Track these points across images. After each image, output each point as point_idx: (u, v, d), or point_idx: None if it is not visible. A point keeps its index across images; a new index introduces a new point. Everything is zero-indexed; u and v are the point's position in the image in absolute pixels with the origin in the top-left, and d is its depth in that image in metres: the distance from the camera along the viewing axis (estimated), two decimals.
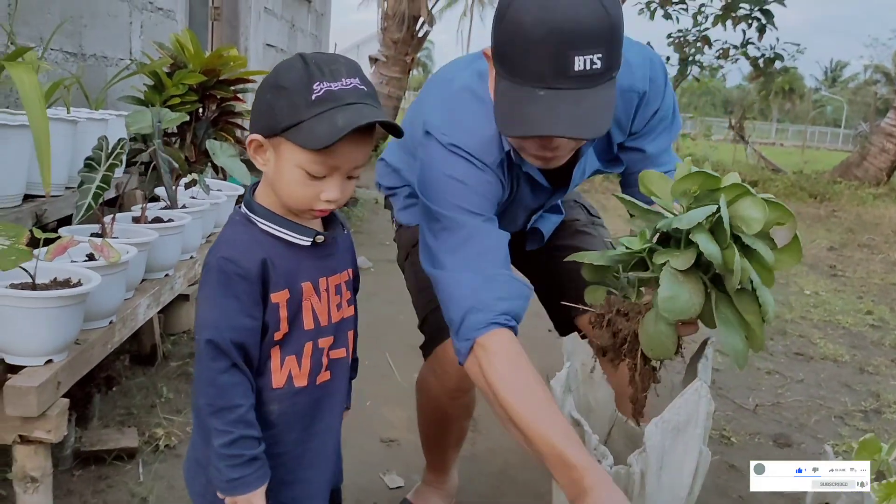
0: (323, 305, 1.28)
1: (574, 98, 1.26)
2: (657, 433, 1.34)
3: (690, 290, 1.32)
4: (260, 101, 1.20)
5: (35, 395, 1.45)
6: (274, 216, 1.23)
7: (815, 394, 3.30)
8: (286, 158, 1.17)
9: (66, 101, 2.34)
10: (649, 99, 1.61)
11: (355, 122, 1.13)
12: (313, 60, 1.17)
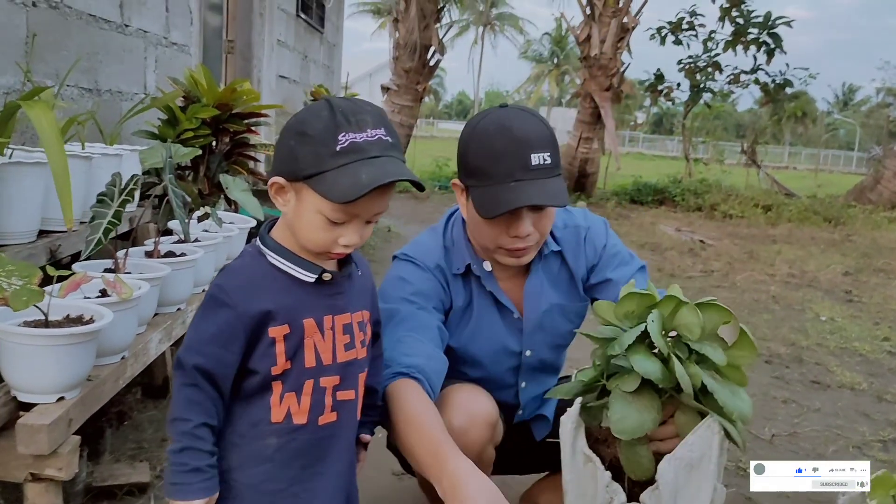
0: (327, 344, 1.28)
1: (537, 184, 1.61)
2: (670, 470, 1.33)
3: (640, 409, 1.36)
4: (284, 145, 1.22)
5: (46, 433, 1.45)
6: (284, 251, 1.26)
7: (832, 423, 3.26)
8: (307, 203, 1.20)
9: (80, 137, 2.37)
10: (592, 235, 1.90)
11: (379, 179, 1.15)
12: (340, 109, 1.19)
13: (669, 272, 6.61)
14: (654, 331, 1.35)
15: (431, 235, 1.90)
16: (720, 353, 1.39)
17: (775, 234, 9.85)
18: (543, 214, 1.71)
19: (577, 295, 1.95)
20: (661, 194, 12.50)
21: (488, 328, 1.87)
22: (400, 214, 9.12)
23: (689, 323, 1.38)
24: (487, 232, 1.72)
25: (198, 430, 1.19)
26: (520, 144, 1.61)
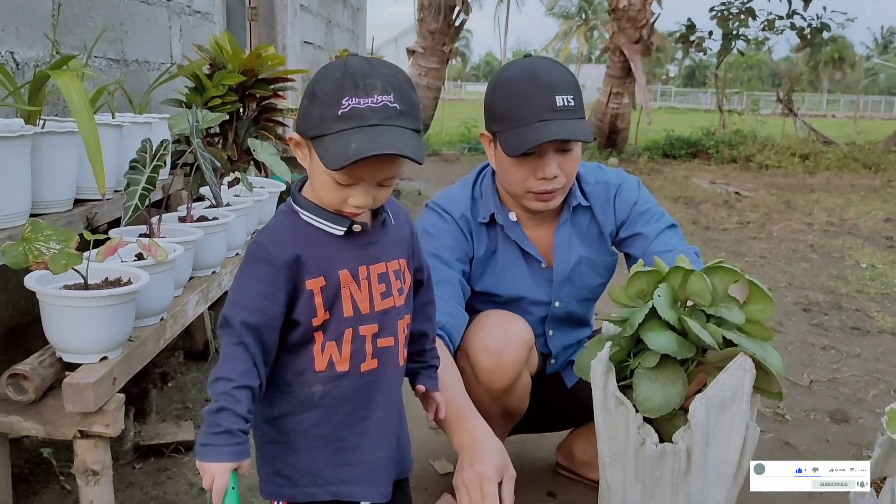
0: (363, 293, 1.30)
1: (562, 123, 1.70)
2: (702, 410, 1.33)
3: (664, 384, 1.38)
4: (303, 102, 1.24)
5: (92, 391, 1.50)
6: (314, 207, 1.27)
7: (872, 368, 3.22)
8: (317, 162, 1.21)
9: (110, 107, 2.40)
10: (624, 192, 1.94)
11: (364, 151, 1.14)
12: (351, 71, 1.18)
13: (704, 225, 6.53)
14: (661, 305, 1.37)
15: (462, 186, 1.97)
16: (737, 312, 1.39)
17: (813, 183, 9.65)
18: (569, 157, 1.77)
19: (606, 249, 1.97)
20: (694, 147, 12.29)
21: (513, 275, 1.91)
22: (430, 177, 9.11)
23: (699, 290, 1.40)
24: (515, 176, 1.78)
25: (238, 391, 1.19)
26: (544, 87, 1.69)
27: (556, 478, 2.24)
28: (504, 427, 2.01)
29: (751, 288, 1.42)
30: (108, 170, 2.17)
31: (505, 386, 1.79)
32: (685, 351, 1.36)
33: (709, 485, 1.37)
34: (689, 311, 1.42)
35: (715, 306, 1.40)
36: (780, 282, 4.66)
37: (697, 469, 1.35)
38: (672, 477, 1.36)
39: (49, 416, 1.57)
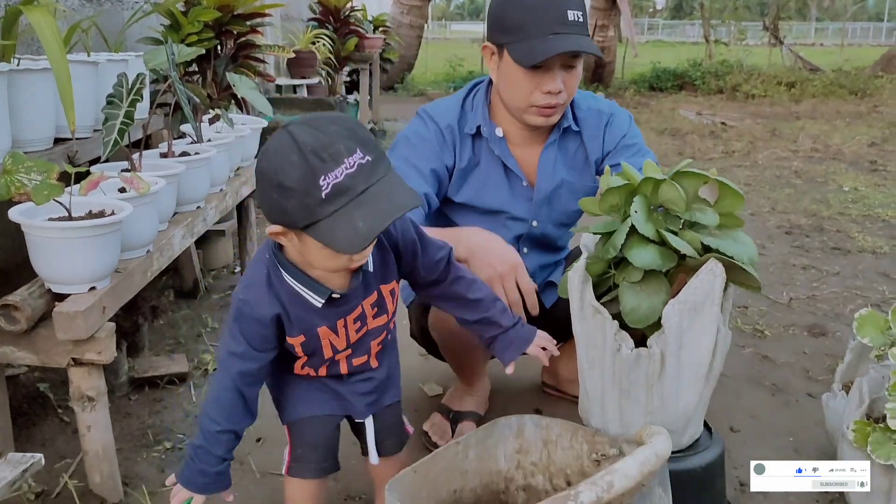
0: (341, 339, 1.40)
1: (574, 37, 1.73)
2: (675, 314, 1.37)
3: (649, 294, 1.40)
4: (267, 196, 1.18)
5: (82, 319, 1.54)
6: (297, 273, 1.31)
7: (851, 285, 3.30)
8: (312, 244, 1.20)
9: (85, 45, 2.38)
10: (615, 123, 1.96)
11: (377, 228, 1.15)
12: (308, 148, 1.12)
13: (690, 155, 6.52)
14: (639, 221, 1.37)
15: (454, 97, 1.99)
16: (710, 214, 1.41)
17: (799, 111, 9.64)
18: (573, 73, 1.81)
19: (590, 176, 1.99)
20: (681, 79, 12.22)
21: (494, 189, 1.93)
22: None
23: (672, 198, 1.40)
24: (520, 89, 1.80)
25: (221, 435, 1.35)
26: (557, 1, 1.72)
27: (542, 396, 2.31)
28: (486, 353, 2.06)
29: (720, 187, 1.44)
30: (85, 108, 2.17)
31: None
32: (668, 262, 1.38)
33: (682, 385, 1.42)
34: (664, 216, 1.44)
35: (689, 211, 1.42)
36: (764, 207, 4.71)
37: (671, 371, 1.40)
38: (647, 379, 1.41)
39: (42, 345, 1.61)
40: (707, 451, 1.51)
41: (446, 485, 1.44)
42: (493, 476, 1.53)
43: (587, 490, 1.14)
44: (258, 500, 1.78)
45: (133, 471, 1.87)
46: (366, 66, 6.54)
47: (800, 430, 2.10)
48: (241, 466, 1.91)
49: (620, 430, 1.47)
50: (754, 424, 2.14)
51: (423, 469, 1.39)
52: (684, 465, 1.48)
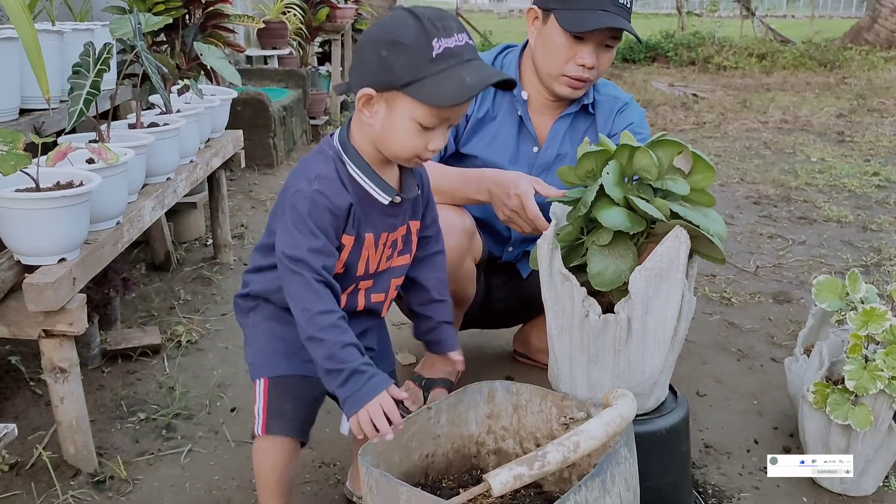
0: (376, 257, 1.40)
1: (621, 18, 1.81)
2: (641, 280, 1.40)
3: (616, 258, 1.43)
4: (371, 55, 1.23)
5: (52, 290, 1.53)
6: (365, 166, 1.32)
7: (816, 253, 3.36)
8: (401, 111, 1.23)
9: (49, 14, 2.34)
10: (627, 110, 2.03)
11: (483, 82, 1.22)
12: (426, 16, 1.22)
13: (662, 127, 6.58)
14: (608, 183, 1.40)
15: (487, 53, 2.05)
16: (682, 184, 1.44)
17: (770, 83, 9.71)
18: (609, 53, 1.89)
19: None
20: (653, 51, 12.21)
21: (502, 146, 2.00)
22: None
23: (645, 165, 1.43)
24: (557, 56, 1.87)
25: (342, 320, 1.27)
26: None
27: (514, 364, 2.35)
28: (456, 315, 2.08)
29: (694, 158, 1.47)
30: (52, 78, 2.12)
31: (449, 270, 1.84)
32: (636, 226, 1.41)
33: (648, 350, 1.45)
34: (637, 185, 1.47)
35: (661, 179, 1.45)
36: (733, 177, 4.77)
37: (637, 336, 1.44)
38: (614, 344, 1.45)
39: (13, 317, 1.60)
40: (672, 413, 1.56)
41: (419, 449, 1.47)
42: (464, 441, 1.56)
43: (554, 450, 1.17)
44: (234, 470, 1.80)
45: (107, 441, 1.88)
46: (338, 36, 6.47)
47: (763, 393, 2.16)
48: (216, 436, 1.93)
49: (588, 394, 1.51)
50: (720, 388, 2.19)
51: (396, 434, 1.41)
52: (650, 428, 1.53)
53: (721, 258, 1.45)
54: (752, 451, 1.89)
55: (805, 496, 1.72)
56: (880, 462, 1.67)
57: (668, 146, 1.47)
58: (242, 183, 4.35)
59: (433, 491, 1.44)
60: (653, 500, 1.52)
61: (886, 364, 1.56)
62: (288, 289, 1.29)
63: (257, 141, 4.53)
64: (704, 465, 1.84)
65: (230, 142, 2.93)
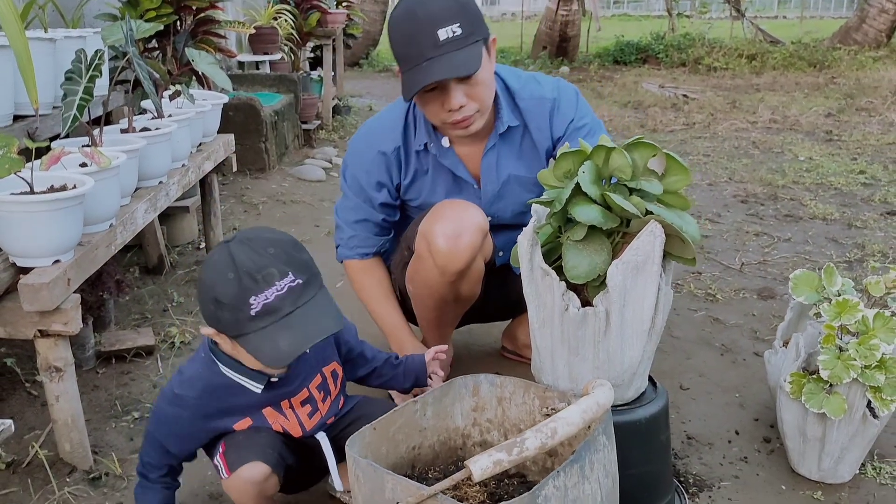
0: (292, 422, 1.50)
1: (447, 58, 1.67)
2: (618, 274, 1.45)
3: (590, 253, 1.47)
4: (205, 305, 1.35)
5: (47, 291, 1.57)
6: (235, 364, 1.43)
7: (801, 250, 3.41)
8: (242, 350, 1.35)
9: (42, 22, 2.39)
10: (561, 106, 1.95)
11: (299, 347, 1.31)
12: (244, 269, 1.28)
13: (651, 128, 6.64)
14: (584, 181, 1.44)
15: (394, 110, 1.99)
16: (656, 184, 1.48)
17: (759, 83, 9.78)
18: (474, 82, 1.75)
19: (541, 165, 1.99)
20: (644, 52, 12.29)
21: (444, 192, 1.99)
22: (381, 93, 9.03)
23: (620, 165, 1.48)
24: (428, 111, 1.83)
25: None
26: (425, 24, 1.67)
27: (502, 361, 2.39)
28: (455, 314, 2.13)
29: (668, 161, 1.51)
30: (44, 85, 2.18)
31: (460, 269, 1.88)
32: (610, 221, 1.45)
33: (626, 341, 1.50)
34: (613, 186, 1.52)
35: (636, 180, 1.50)
36: (721, 177, 4.82)
37: (615, 328, 1.48)
38: (594, 336, 1.49)
39: (8, 317, 1.64)
40: (651, 403, 1.60)
41: (405, 441, 1.51)
42: (450, 433, 1.60)
43: (532, 436, 1.21)
44: None
45: (102, 440, 1.92)
46: (329, 41, 6.51)
47: (745, 386, 2.21)
48: None
49: (570, 386, 1.56)
50: (703, 382, 2.24)
51: (383, 426, 1.45)
52: (630, 417, 1.57)
53: (692, 258, 1.49)
54: (733, 442, 1.94)
55: (783, 484, 1.77)
56: (856, 450, 1.72)
57: (643, 148, 1.51)
58: (235, 187, 4.39)
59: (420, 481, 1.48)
60: (634, 488, 1.56)
61: (859, 353, 1.61)
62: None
63: (249, 145, 4.57)
64: (686, 455, 1.88)
65: (222, 146, 2.97)
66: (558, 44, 12.03)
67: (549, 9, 12.10)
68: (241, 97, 4.57)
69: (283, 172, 4.82)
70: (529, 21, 18.49)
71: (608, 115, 7.13)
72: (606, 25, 14.01)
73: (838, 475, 1.76)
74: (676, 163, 1.51)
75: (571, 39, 12.17)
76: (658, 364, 2.32)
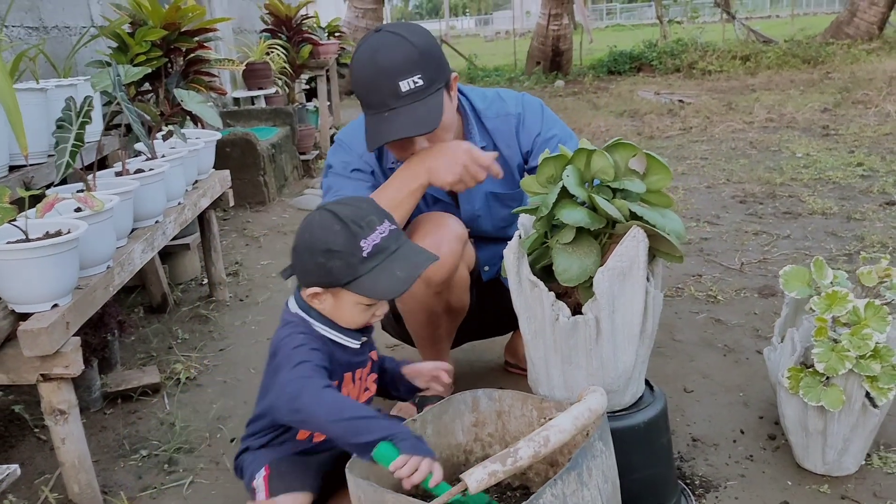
0: (356, 392, 1.57)
1: (409, 110, 1.68)
2: (605, 280, 1.46)
3: (580, 256, 1.50)
4: (309, 262, 1.43)
5: (46, 335, 1.60)
6: (329, 322, 1.51)
7: (801, 246, 3.41)
8: (346, 299, 1.45)
9: (33, 73, 2.44)
10: (527, 122, 1.97)
11: (414, 274, 1.42)
12: (348, 218, 1.40)
13: (648, 135, 6.67)
14: (570, 183, 1.46)
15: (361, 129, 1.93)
16: (638, 183, 1.50)
17: (754, 84, 9.82)
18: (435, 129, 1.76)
19: (514, 181, 2.02)
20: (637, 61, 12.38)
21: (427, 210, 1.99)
22: None
23: (602, 167, 1.50)
24: (392, 149, 1.85)
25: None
26: (386, 74, 1.67)
27: (506, 375, 2.40)
28: (449, 328, 2.13)
29: (649, 161, 1.53)
30: (37, 134, 2.23)
31: (444, 278, 1.88)
32: (597, 223, 1.46)
33: (618, 347, 1.51)
34: (597, 189, 1.53)
35: (618, 180, 1.51)
36: (720, 179, 4.84)
37: (606, 334, 1.49)
38: (585, 344, 1.50)
39: (10, 364, 1.67)
40: (649, 407, 1.60)
41: None
42: (452, 450, 1.61)
43: (525, 446, 1.22)
44: (234, 497, 1.85)
45: (112, 479, 1.93)
46: (322, 72, 6.59)
47: (749, 385, 2.21)
48: (217, 466, 1.98)
49: (566, 395, 1.57)
50: (706, 383, 2.24)
51: None
52: (629, 422, 1.57)
53: (679, 256, 1.51)
54: (739, 441, 1.93)
55: (789, 480, 1.76)
56: (859, 440, 1.71)
57: (624, 149, 1.53)
58: (236, 222, 4.43)
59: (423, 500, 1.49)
60: (638, 492, 1.57)
61: (853, 344, 1.61)
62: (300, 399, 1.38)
63: (248, 179, 4.62)
64: (692, 457, 1.88)
65: (217, 182, 3.01)
66: (551, 58, 12.12)
67: (541, 25, 12.21)
68: (236, 133, 4.63)
69: (284, 204, 4.86)
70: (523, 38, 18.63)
71: (604, 126, 7.16)
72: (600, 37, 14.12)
73: (844, 467, 1.75)
74: (657, 162, 1.52)
75: (564, 53, 12.26)
76: (661, 368, 2.33)
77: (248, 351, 2.67)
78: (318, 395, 1.36)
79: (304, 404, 1.35)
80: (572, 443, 1.50)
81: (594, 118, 7.66)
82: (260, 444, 1.58)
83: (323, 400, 1.35)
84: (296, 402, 1.36)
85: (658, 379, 2.26)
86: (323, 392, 1.37)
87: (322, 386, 1.38)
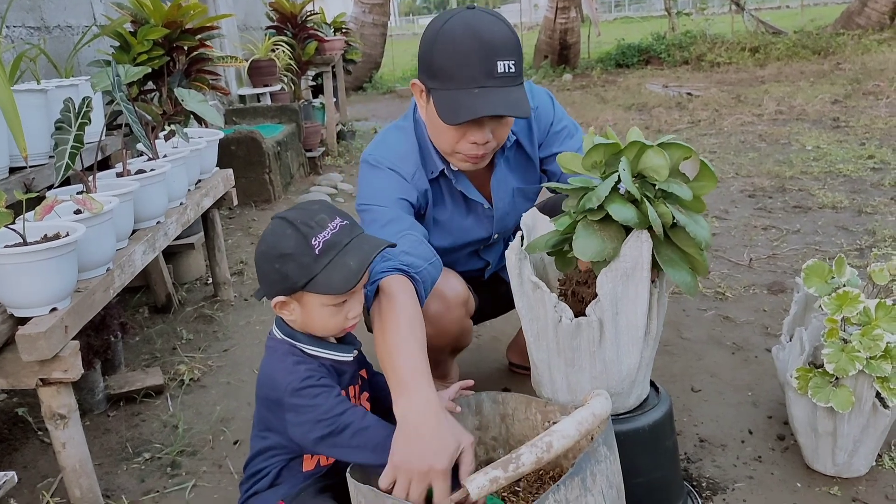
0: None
1: (502, 92, 1.59)
2: (608, 282, 1.43)
3: (604, 237, 1.43)
4: (269, 269, 1.41)
5: (44, 340, 1.58)
6: (317, 341, 1.48)
7: (811, 241, 3.37)
8: (312, 303, 1.42)
9: (34, 73, 2.42)
10: (540, 113, 1.92)
11: (365, 262, 1.38)
12: (297, 220, 1.39)
13: (657, 128, 6.62)
14: (626, 179, 1.39)
15: (402, 137, 1.85)
16: (686, 189, 1.43)
17: (763, 75, 9.73)
18: (503, 123, 1.70)
19: (535, 174, 2.00)
20: (646, 54, 12.29)
21: (459, 224, 1.94)
22: (385, 115, 9.09)
23: (656, 165, 1.41)
24: (446, 136, 1.71)
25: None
26: (487, 49, 1.57)
27: (511, 376, 2.38)
28: (451, 356, 2.13)
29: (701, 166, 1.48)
30: (38, 135, 2.22)
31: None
32: (643, 224, 1.42)
33: (622, 349, 1.48)
34: (640, 183, 1.46)
35: (667, 182, 1.43)
36: (728, 172, 4.79)
37: (610, 336, 1.46)
38: (589, 346, 1.48)
39: (10, 368, 1.65)
40: (654, 409, 1.58)
41: None
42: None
43: (528, 451, 1.20)
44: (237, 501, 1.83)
45: (114, 483, 1.92)
46: (328, 68, 6.57)
47: (757, 384, 2.18)
48: (220, 469, 1.96)
49: (569, 398, 1.54)
50: (714, 383, 2.21)
51: None
52: (634, 425, 1.55)
53: (704, 271, 1.45)
54: (747, 442, 1.91)
55: (798, 481, 1.73)
56: (869, 442, 1.68)
57: (678, 149, 1.44)
58: (241, 220, 4.42)
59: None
60: (643, 496, 1.54)
61: (863, 345, 1.58)
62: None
63: (253, 177, 4.61)
64: (699, 459, 1.85)
65: (221, 181, 3.00)
66: (559, 52, 12.05)
67: (548, 18, 12.14)
68: (241, 131, 4.61)
69: (289, 202, 4.84)
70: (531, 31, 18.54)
71: (612, 119, 7.11)
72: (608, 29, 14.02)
73: (854, 469, 1.72)
74: (708, 169, 1.46)
75: (572, 46, 12.19)
76: (668, 367, 2.30)
77: (252, 351, 2.65)
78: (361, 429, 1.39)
79: (346, 440, 1.38)
80: (577, 447, 1.48)
81: (602, 112, 7.61)
82: (267, 484, 1.53)
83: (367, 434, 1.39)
84: (338, 438, 1.39)
85: (665, 378, 2.23)
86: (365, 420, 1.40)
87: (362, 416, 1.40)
